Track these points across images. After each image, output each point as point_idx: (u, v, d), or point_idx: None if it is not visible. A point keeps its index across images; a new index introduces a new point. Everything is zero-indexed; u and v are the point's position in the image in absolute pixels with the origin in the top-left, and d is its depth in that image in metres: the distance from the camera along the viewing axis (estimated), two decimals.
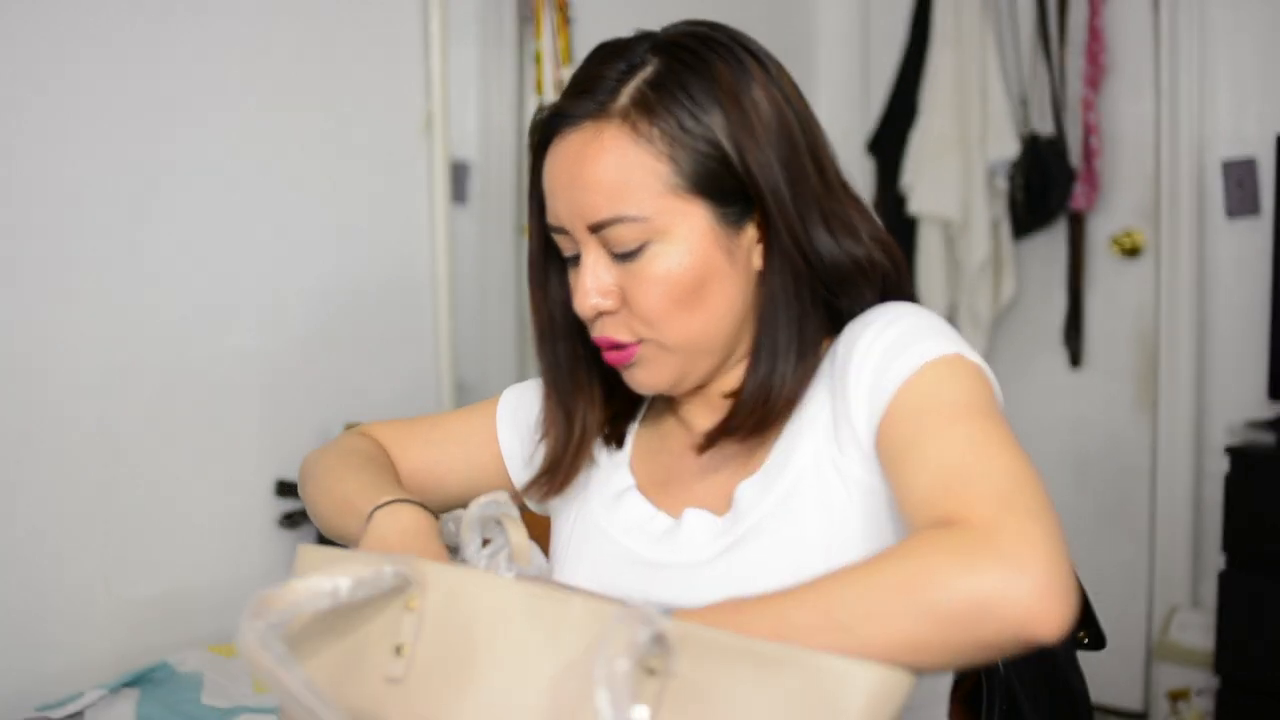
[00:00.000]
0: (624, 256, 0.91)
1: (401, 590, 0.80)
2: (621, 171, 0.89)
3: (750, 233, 0.93)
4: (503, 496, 0.90)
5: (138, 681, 1.58)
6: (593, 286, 0.92)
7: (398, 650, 0.79)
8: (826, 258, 0.93)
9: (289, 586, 0.72)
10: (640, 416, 1.08)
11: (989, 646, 0.70)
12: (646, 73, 0.91)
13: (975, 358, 0.87)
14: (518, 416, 1.10)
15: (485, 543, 0.93)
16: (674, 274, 0.90)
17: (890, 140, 2.99)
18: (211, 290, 1.81)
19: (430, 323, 2.16)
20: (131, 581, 1.72)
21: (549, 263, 1.01)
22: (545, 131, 0.95)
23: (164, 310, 1.75)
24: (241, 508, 1.87)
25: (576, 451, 1.02)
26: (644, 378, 0.96)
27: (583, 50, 2.31)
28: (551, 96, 2.29)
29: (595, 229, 0.91)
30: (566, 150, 0.92)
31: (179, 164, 1.76)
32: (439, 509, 0.99)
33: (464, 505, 0.98)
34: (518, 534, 0.87)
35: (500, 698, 0.75)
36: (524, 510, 0.99)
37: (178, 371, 1.77)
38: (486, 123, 2.35)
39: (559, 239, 0.95)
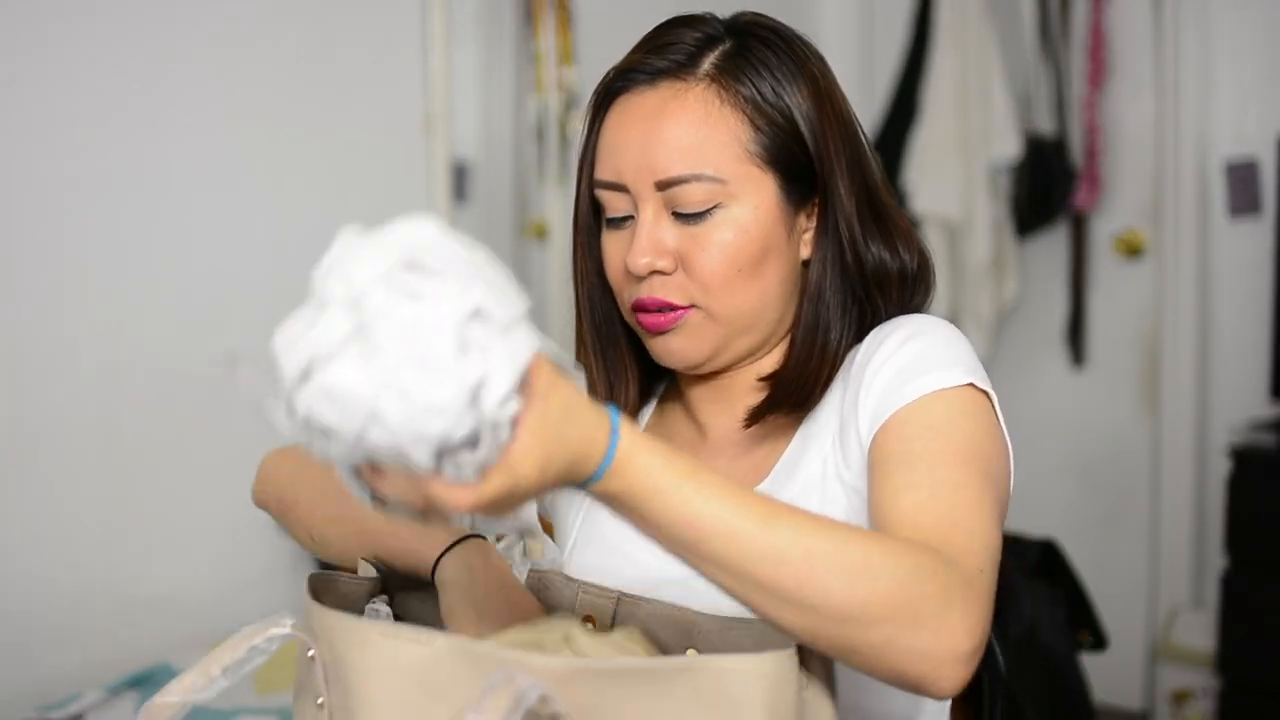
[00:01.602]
0: (688, 217, 0.90)
1: (304, 643, 0.78)
2: (705, 130, 0.89)
3: (803, 220, 0.95)
4: None
5: (138, 682, 1.58)
6: (649, 245, 0.90)
7: (319, 704, 0.78)
8: (873, 257, 0.95)
9: (168, 689, 0.74)
10: (649, 409, 1.07)
11: (892, 671, 0.71)
12: (727, 45, 0.92)
13: (985, 384, 0.88)
14: None
15: (498, 539, 0.93)
16: (739, 240, 0.90)
17: (892, 140, 2.99)
18: (212, 290, 1.81)
19: None
20: (131, 581, 1.72)
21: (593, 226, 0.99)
22: (613, 88, 0.94)
23: (164, 310, 1.75)
24: (241, 508, 1.86)
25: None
26: (681, 345, 0.93)
27: (583, 50, 2.31)
28: (552, 96, 2.29)
29: (665, 185, 0.90)
30: (643, 105, 0.91)
31: (179, 163, 1.76)
32: None
33: None
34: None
35: None
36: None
37: (178, 371, 1.76)
38: (487, 122, 2.35)
39: (610, 196, 0.93)
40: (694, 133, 0.89)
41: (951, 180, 2.81)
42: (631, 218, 0.92)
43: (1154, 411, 2.81)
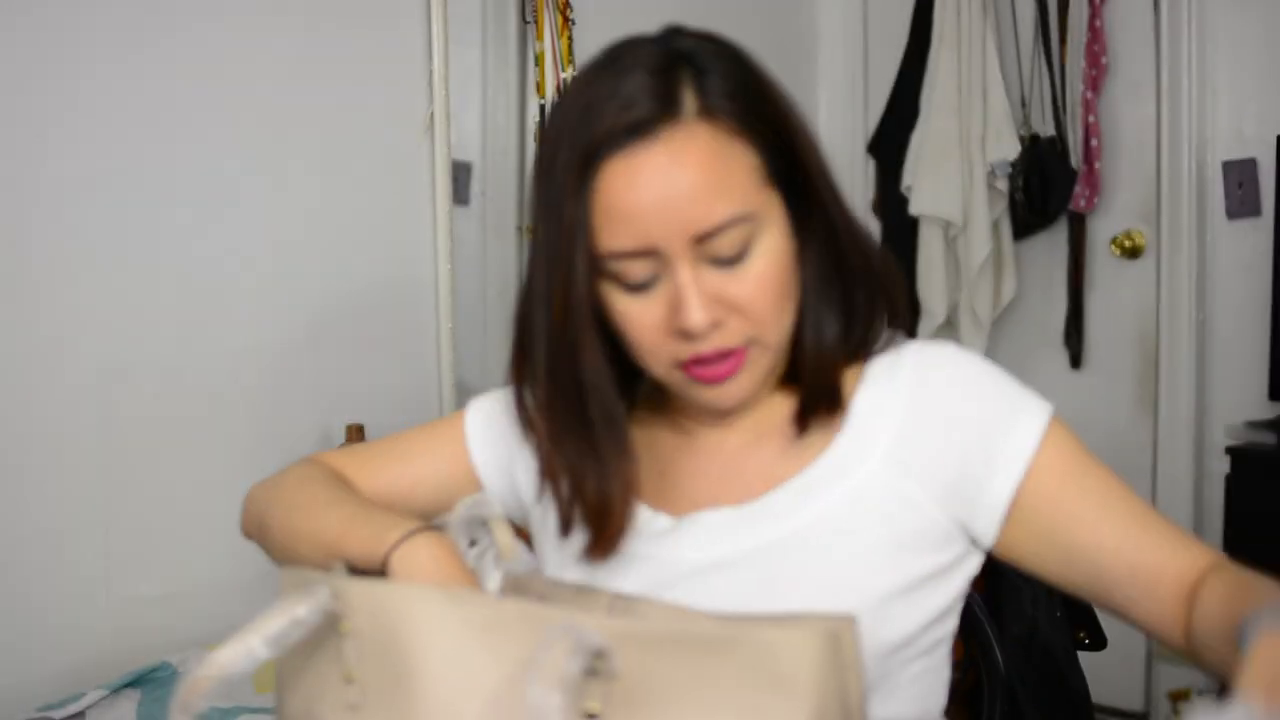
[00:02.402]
0: (726, 262, 0.86)
1: (335, 616, 0.79)
2: (727, 169, 0.85)
3: (794, 223, 0.93)
4: (486, 497, 0.89)
5: (138, 682, 1.57)
6: (702, 302, 0.86)
7: (348, 679, 0.79)
8: (858, 244, 0.95)
9: (209, 662, 0.73)
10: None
11: None
12: (688, 70, 0.87)
13: (1043, 400, 0.95)
14: (491, 425, 1.06)
15: (472, 544, 0.93)
16: (776, 266, 0.88)
17: (891, 141, 2.99)
18: (212, 290, 1.81)
19: (430, 323, 2.16)
20: (131, 581, 1.72)
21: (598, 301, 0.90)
22: (595, 154, 0.85)
23: (164, 310, 1.75)
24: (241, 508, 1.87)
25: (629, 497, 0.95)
26: (740, 387, 0.91)
27: (584, 52, 2.31)
28: (553, 98, 2.30)
29: (703, 238, 0.85)
30: (651, 163, 0.84)
31: (179, 165, 1.77)
32: None
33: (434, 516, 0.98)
34: (503, 533, 0.86)
35: (446, 712, 0.74)
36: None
37: (177, 371, 1.77)
38: (488, 124, 2.35)
39: (631, 266, 0.87)
40: (718, 175, 0.85)
41: (950, 181, 2.81)
42: (655, 279, 0.88)
43: (1152, 412, 2.81)
